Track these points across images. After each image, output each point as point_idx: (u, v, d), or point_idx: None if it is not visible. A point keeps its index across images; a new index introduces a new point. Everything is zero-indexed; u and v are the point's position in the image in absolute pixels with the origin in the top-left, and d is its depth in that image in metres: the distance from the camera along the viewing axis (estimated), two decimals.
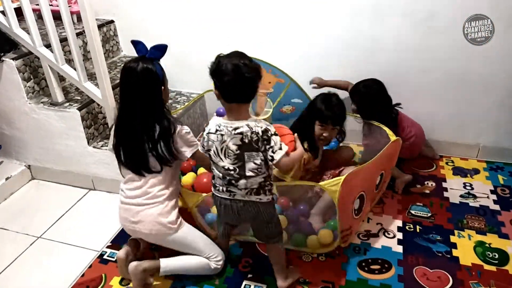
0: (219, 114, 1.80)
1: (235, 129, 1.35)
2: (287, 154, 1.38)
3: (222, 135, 1.37)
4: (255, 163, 1.36)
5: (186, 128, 1.59)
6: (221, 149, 1.38)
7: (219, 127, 1.39)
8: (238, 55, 1.33)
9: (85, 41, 2.42)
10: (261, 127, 1.34)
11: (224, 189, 1.43)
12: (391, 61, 2.26)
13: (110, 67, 2.57)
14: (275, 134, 1.36)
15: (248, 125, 1.34)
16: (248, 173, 1.37)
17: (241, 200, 1.42)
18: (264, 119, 2.34)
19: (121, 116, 1.58)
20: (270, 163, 1.38)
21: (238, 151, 1.36)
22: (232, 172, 1.38)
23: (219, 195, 1.47)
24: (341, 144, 2.19)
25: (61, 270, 1.77)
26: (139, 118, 1.53)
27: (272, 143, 1.35)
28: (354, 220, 1.80)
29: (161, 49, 1.53)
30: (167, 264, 1.60)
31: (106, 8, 2.64)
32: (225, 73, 1.29)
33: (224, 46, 2.35)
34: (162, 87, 1.56)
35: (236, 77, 1.29)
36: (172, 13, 2.49)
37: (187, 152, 1.60)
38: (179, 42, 2.53)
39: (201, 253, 1.64)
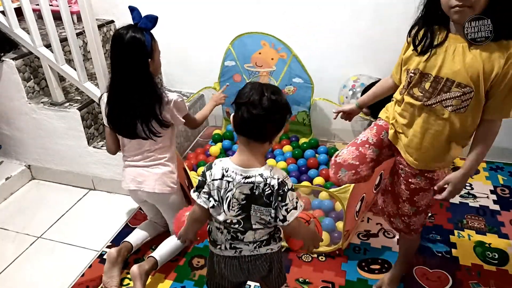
0: None
1: (246, 177, 1.09)
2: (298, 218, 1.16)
3: (228, 182, 1.10)
4: (262, 218, 1.12)
5: (180, 96, 1.62)
6: (226, 199, 1.11)
7: (226, 171, 1.11)
8: (269, 86, 1.08)
9: (85, 41, 2.42)
10: (278, 179, 1.08)
11: (228, 245, 1.18)
12: (392, 60, 2.25)
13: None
14: (292, 190, 1.09)
15: (262, 175, 1.08)
16: (255, 226, 1.13)
17: (249, 255, 1.18)
18: None
19: (111, 83, 1.56)
20: (280, 223, 1.11)
21: (244, 202, 1.10)
22: (236, 225, 1.14)
23: (222, 254, 1.20)
24: None
25: (61, 270, 1.77)
26: (126, 87, 1.52)
27: (287, 201, 1.08)
28: (354, 222, 1.80)
29: (151, 20, 1.51)
30: (160, 255, 1.67)
31: (106, 8, 2.64)
32: (245, 98, 1.04)
33: (225, 46, 2.39)
34: (150, 59, 1.51)
35: (257, 106, 1.03)
36: (172, 13, 2.49)
37: (181, 117, 1.64)
38: (180, 42, 2.53)
39: None
